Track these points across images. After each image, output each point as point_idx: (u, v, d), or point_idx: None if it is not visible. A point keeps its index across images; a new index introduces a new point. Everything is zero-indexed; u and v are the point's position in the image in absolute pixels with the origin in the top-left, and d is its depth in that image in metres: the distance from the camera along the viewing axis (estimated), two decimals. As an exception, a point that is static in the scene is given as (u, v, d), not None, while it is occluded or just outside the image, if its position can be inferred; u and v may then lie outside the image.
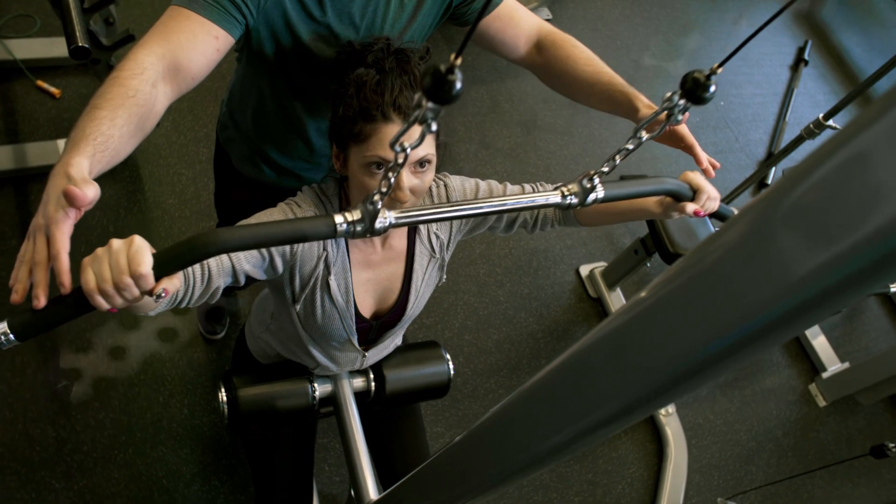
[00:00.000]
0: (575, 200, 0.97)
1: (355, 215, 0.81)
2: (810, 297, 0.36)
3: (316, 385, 1.48)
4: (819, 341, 3.17)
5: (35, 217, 0.81)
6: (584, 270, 3.01)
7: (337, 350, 1.40)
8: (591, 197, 0.98)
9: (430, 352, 1.62)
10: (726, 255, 0.42)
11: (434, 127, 0.58)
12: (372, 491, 1.40)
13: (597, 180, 0.95)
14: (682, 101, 0.80)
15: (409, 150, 0.66)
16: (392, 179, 0.73)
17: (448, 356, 1.62)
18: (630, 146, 0.88)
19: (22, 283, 0.78)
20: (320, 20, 1.23)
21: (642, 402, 0.50)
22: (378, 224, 0.82)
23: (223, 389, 1.42)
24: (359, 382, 1.53)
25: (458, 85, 0.52)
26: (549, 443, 0.60)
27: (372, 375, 1.54)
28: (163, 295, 0.79)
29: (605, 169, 0.93)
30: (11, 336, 0.77)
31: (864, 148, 0.33)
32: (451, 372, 1.61)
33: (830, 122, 2.62)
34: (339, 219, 0.81)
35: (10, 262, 2.21)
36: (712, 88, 0.76)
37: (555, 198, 0.96)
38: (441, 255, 1.35)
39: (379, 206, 0.79)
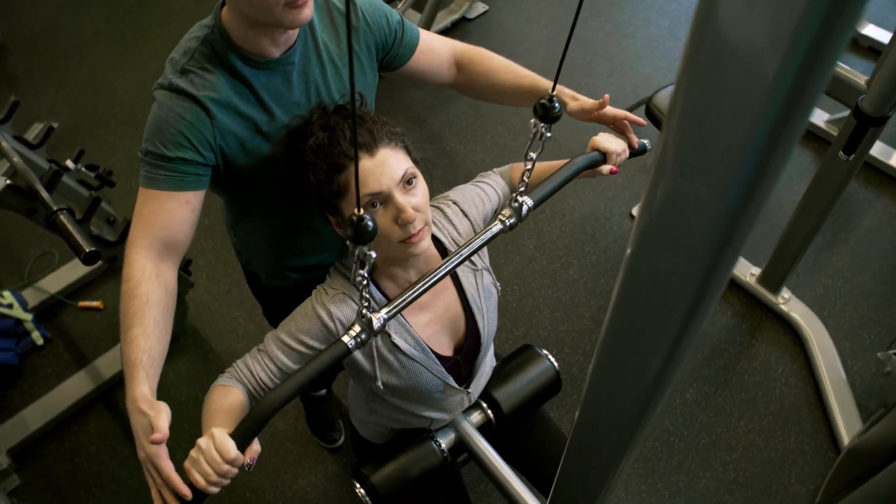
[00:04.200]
0: (514, 220, 1.11)
1: (356, 329, 0.96)
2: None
3: (439, 439, 1.47)
4: (896, 159, 3.00)
5: (138, 450, 1.01)
6: (638, 210, 2.94)
7: (441, 400, 1.39)
8: (524, 211, 1.11)
9: (526, 356, 1.59)
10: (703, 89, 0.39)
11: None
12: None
13: (521, 199, 1.10)
14: (542, 126, 0.96)
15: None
16: (365, 274, 0.86)
17: (545, 351, 1.59)
18: (533, 156, 1.03)
19: None
20: (271, 126, 1.24)
21: (719, 250, 0.44)
22: (376, 325, 0.95)
23: (357, 484, 1.42)
24: (476, 417, 1.52)
25: (371, 224, 0.73)
26: (662, 345, 0.55)
27: (485, 405, 1.52)
28: (251, 463, 0.98)
29: (522, 188, 1.08)
30: None
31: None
32: (556, 365, 1.57)
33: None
34: (346, 339, 0.96)
35: (130, 472, 2.29)
36: (557, 107, 0.93)
37: (497, 227, 1.11)
38: (483, 264, 1.33)
39: (368, 315, 0.95)
